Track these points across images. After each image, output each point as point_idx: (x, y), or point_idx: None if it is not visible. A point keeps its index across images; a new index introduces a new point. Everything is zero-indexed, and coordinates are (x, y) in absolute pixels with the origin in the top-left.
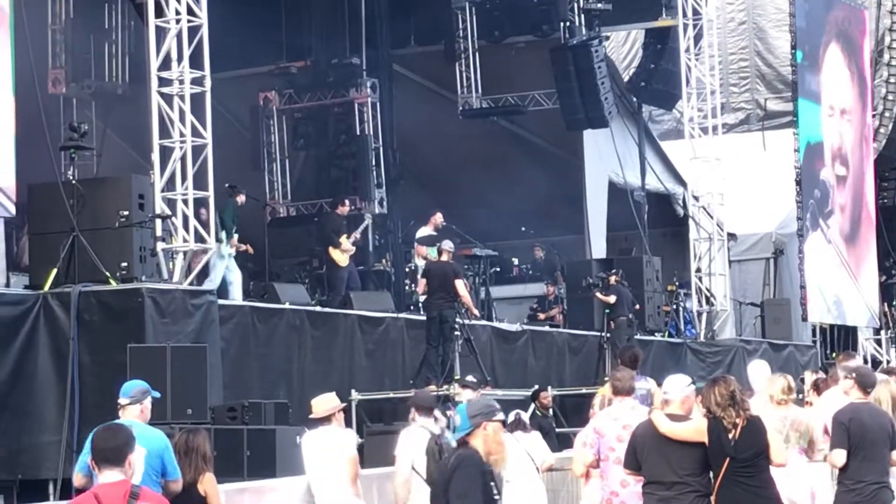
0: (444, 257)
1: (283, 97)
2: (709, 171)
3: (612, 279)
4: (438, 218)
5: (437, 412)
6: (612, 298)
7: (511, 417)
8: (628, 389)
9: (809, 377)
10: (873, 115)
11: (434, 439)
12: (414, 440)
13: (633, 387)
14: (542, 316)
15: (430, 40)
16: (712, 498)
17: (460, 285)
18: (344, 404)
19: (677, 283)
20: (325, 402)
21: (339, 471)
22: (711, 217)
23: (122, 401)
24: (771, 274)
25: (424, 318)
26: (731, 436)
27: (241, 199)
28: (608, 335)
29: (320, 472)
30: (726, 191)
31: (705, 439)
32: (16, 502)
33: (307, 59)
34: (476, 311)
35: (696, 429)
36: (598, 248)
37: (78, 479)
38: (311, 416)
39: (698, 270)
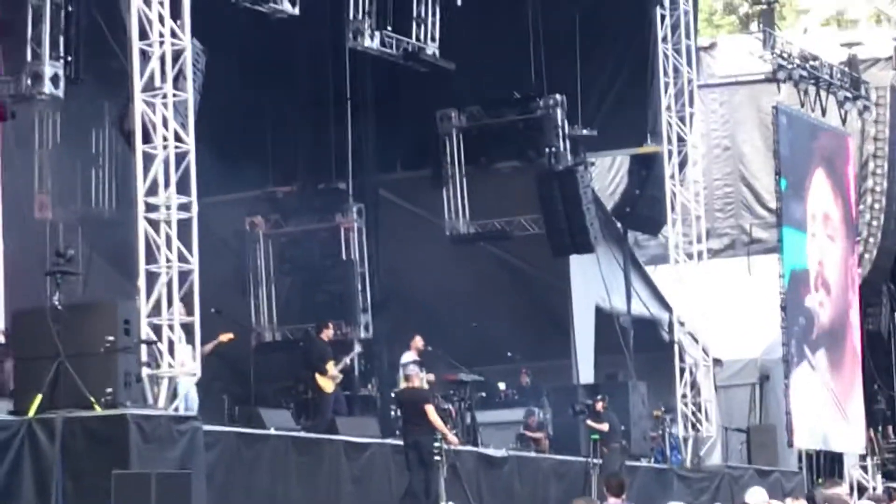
0: (414, 383)
1: (270, 222)
2: (694, 296)
3: (599, 405)
4: (419, 341)
5: None
6: (604, 426)
7: None
8: None
9: None
10: (857, 241)
11: None
12: None
13: None
14: (530, 434)
15: (417, 165)
16: None
17: (430, 411)
18: None
19: (663, 409)
20: None
21: None
22: (697, 342)
23: None
24: (757, 399)
25: None
26: None
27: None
28: (597, 461)
29: None
30: (712, 316)
31: None
32: None
33: (293, 184)
34: (451, 437)
35: None
36: (586, 372)
37: None
38: None
39: (684, 396)
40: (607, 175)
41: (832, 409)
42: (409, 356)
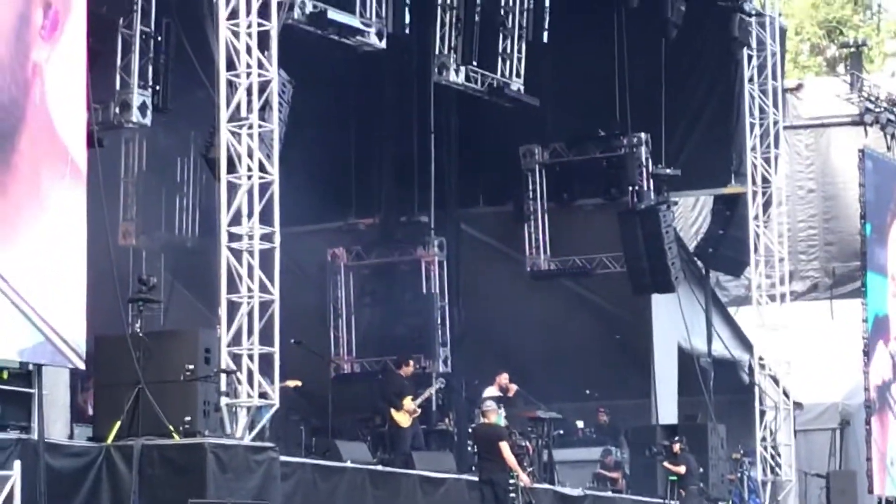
0: (490, 419)
1: (351, 254)
2: (776, 339)
3: (676, 447)
4: (504, 378)
5: None
6: (682, 469)
7: None
8: None
9: None
10: None
11: None
12: None
13: None
14: (607, 473)
15: (499, 200)
16: None
17: (505, 448)
18: None
19: (742, 452)
20: None
21: None
22: (778, 385)
23: None
24: (837, 445)
25: None
26: None
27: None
28: (674, 503)
29: None
30: (793, 359)
31: None
32: None
33: (375, 217)
34: (524, 477)
35: None
36: (668, 412)
37: None
38: None
39: (764, 439)
40: (690, 214)
41: None
42: (491, 391)
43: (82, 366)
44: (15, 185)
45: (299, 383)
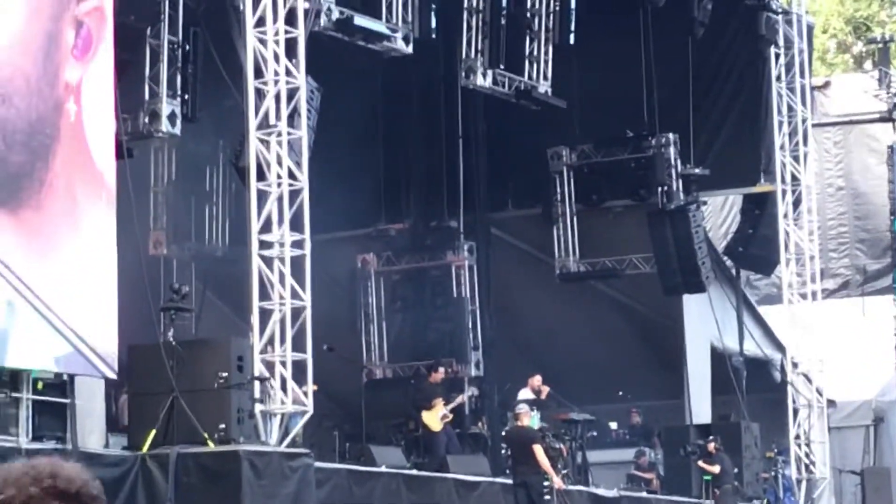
0: (523, 421)
1: (382, 259)
2: (808, 337)
3: (711, 446)
4: (537, 380)
5: None
6: (716, 468)
7: None
8: None
9: None
10: None
11: None
12: None
13: None
14: (641, 474)
15: (528, 204)
16: None
17: (538, 451)
18: None
19: (776, 450)
20: None
21: None
22: (811, 383)
23: None
24: (871, 442)
25: None
26: None
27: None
28: (708, 502)
29: None
30: (825, 357)
31: None
32: None
33: (405, 222)
34: (557, 480)
35: None
36: (702, 412)
37: None
38: None
39: (797, 437)
40: (719, 214)
41: None
42: (525, 393)
43: (113, 375)
44: (49, 202)
45: (315, 387)
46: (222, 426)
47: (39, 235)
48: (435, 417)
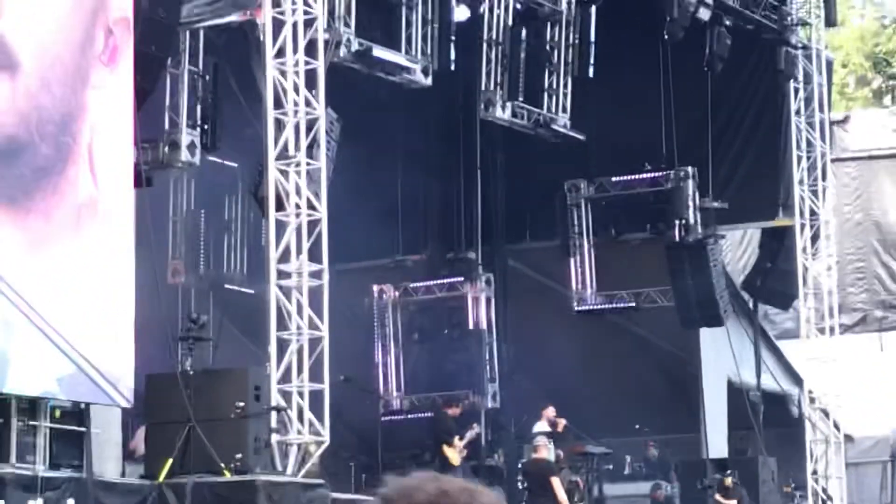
0: (541, 454)
1: (399, 290)
2: (826, 372)
3: (728, 481)
4: (551, 411)
5: None
6: (734, 502)
7: None
8: None
9: None
10: None
11: None
12: None
13: None
14: None
15: (546, 235)
16: None
17: (556, 483)
18: None
19: (793, 485)
20: None
21: None
22: (828, 418)
23: None
24: (889, 478)
25: None
26: None
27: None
28: None
29: None
30: (843, 392)
31: None
32: None
33: (423, 253)
34: None
35: None
36: (718, 446)
37: None
38: None
39: (814, 472)
40: (738, 248)
41: None
42: (541, 426)
43: (127, 404)
44: (58, 213)
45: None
46: (239, 456)
47: (45, 248)
48: (456, 452)
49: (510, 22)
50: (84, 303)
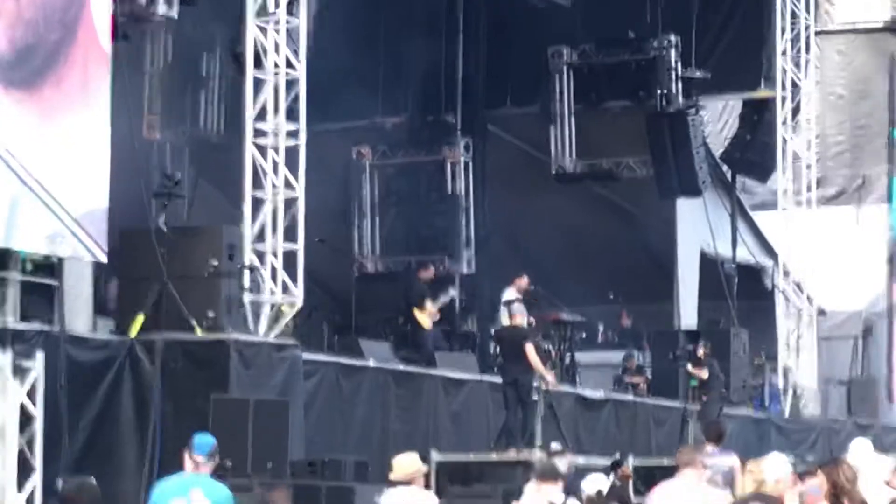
0: (516, 321)
1: (377, 152)
2: (801, 245)
3: (701, 352)
4: (524, 281)
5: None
6: (704, 373)
7: (592, 488)
8: (687, 462)
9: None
10: None
11: None
12: None
13: (694, 460)
14: (629, 379)
15: (526, 101)
16: None
17: (530, 350)
18: (426, 468)
19: (764, 357)
20: (407, 465)
21: None
22: (801, 292)
23: (199, 458)
24: (859, 353)
25: None
26: None
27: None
28: (695, 408)
29: None
30: (818, 265)
31: None
32: None
33: (402, 115)
34: (550, 378)
35: None
36: (689, 317)
37: None
38: (392, 476)
39: (786, 345)
40: (718, 119)
41: None
42: (510, 294)
43: (104, 259)
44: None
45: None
46: (211, 314)
47: (53, 112)
48: (427, 315)
49: None
50: (58, 155)
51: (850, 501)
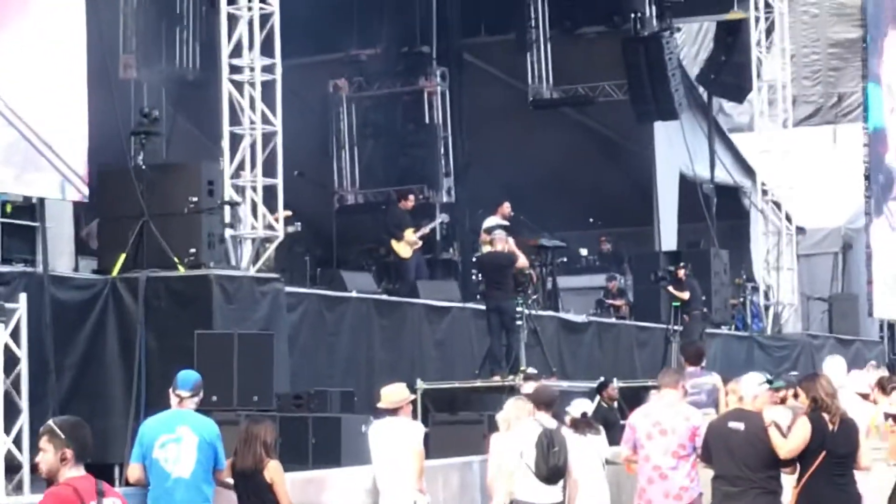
0: (498, 246)
1: (353, 85)
2: (778, 164)
3: (681, 273)
4: (506, 208)
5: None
6: (686, 294)
7: (577, 411)
8: (668, 384)
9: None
10: None
11: (545, 432)
12: (527, 434)
13: (675, 382)
14: (611, 302)
15: (501, 29)
16: (795, 491)
17: (521, 259)
18: (413, 396)
19: (745, 277)
20: (394, 394)
21: (405, 464)
22: (780, 210)
23: (182, 393)
24: (839, 269)
25: None
26: (831, 429)
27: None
28: (677, 328)
29: (386, 465)
30: (795, 184)
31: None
32: None
33: (377, 47)
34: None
35: (803, 436)
36: (669, 240)
37: (134, 472)
38: (380, 405)
39: (766, 264)
40: (693, 42)
41: None
42: (492, 220)
43: (85, 197)
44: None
45: (290, 213)
46: (193, 250)
47: (30, 51)
48: (405, 245)
49: None
50: (36, 95)
51: (831, 415)
